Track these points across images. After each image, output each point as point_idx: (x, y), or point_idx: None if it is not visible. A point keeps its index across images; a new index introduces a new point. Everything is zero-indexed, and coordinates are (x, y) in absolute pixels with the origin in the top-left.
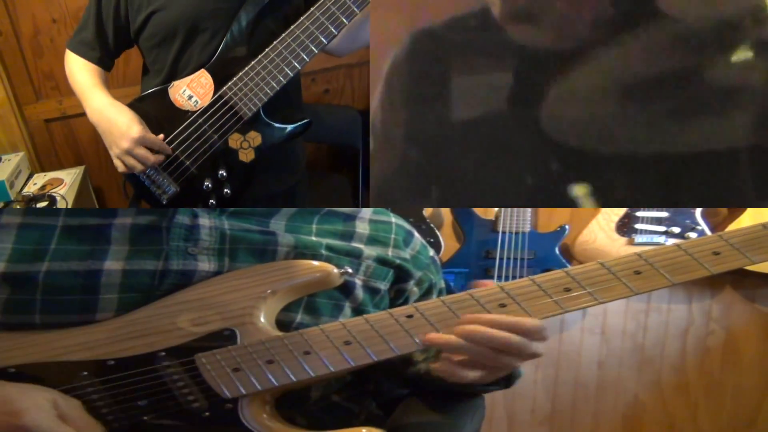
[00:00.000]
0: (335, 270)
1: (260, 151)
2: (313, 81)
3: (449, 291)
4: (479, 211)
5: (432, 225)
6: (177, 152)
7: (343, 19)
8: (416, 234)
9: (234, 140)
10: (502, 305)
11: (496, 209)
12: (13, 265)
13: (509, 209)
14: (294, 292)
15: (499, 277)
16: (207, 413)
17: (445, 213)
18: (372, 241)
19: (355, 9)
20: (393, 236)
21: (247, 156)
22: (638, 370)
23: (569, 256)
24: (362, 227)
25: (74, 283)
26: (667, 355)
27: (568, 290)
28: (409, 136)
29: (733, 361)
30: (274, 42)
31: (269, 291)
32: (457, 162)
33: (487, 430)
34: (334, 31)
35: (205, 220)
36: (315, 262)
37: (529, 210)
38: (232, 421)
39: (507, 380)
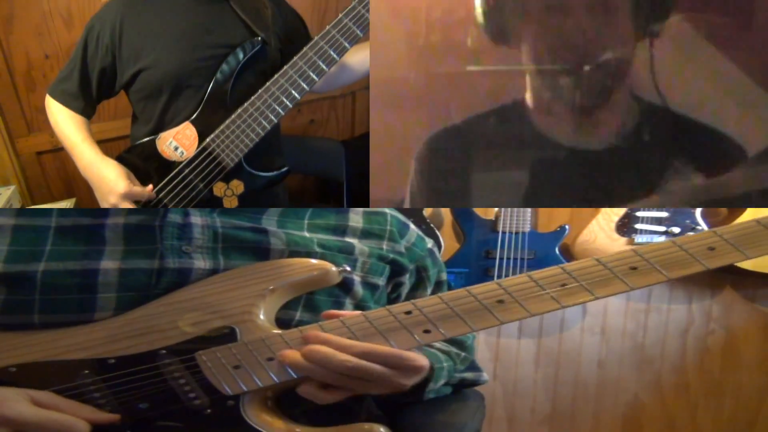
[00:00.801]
0: (333, 268)
1: (243, 198)
2: (299, 112)
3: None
4: (479, 211)
5: (432, 225)
6: (165, 200)
7: (314, 77)
8: (412, 225)
9: (218, 188)
10: (500, 301)
11: (496, 209)
12: (10, 266)
13: (509, 209)
14: (293, 290)
15: (499, 277)
16: (209, 410)
17: (445, 213)
18: (366, 234)
19: (325, 68)
20: (388, 228)
21: (230, 203)
22: (638, 370)
23: (569, 256)
24: (356, 220)
25: (71, 283)
26: (667, 355)
27: (564, 286)
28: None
29: (733, 361)
30: (252, 97)
31: (268, 289)
32: None
33: (487, 430)
34: (306, 87)
35: (197, 219)
36: (314, 261)
37: (529, 210)
38: (234, 418)
39: (418, 391)
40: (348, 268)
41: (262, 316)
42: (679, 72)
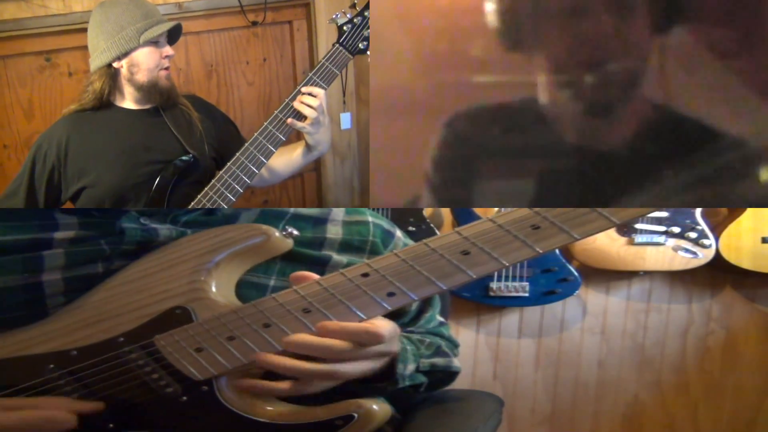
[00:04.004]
0: (277, 233)
1: None
2: (252, 194)
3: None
4: (479, 211)
5: (432, 225)
6: None
7: (246, 181)
8: (397, 232)
9: None
10: (465, 253)
11: (496, 209)
12: None
13: (509, 209)
14: (241, 261)
15: (499, 277)
16: (184, 398)
17: (445, 213)
18: (345, 247)
19: (253, 173)
20: (370, 239)
21: None
22: (638, 370)
23: (569, 255)
24: (334, 232)
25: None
26: (667, 355)
27: (537, 228)
28: None
29: (733, 361)
30: (190, 206)
31: (213, 262)
32: None
33: None
34: (239, 190)
35: (164, 231)
36: (257, 225)
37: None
38: (211, 403)
39: (389, 376)
40: (295, 232)
41: (214, 289)
42: (685, 77)
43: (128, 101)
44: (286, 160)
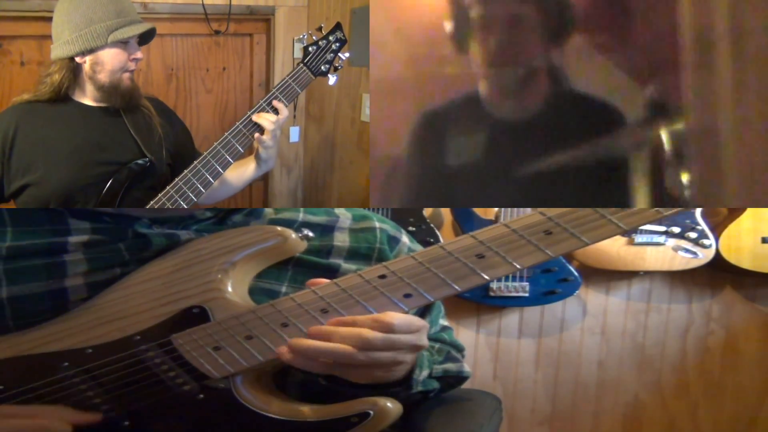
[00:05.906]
0: (294, 235)
1: None
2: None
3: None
4: (479, 211)
5: (432, 225)
6: None
7: (201, 189)
8: (403, 237)
9: None
10: (480, 256)
11: (496, 209)
12: None
13: (509, 209)
14: (257, 261)
15: (499, 278)
16: (201, 396)
17: (445, 213)
18: (353, 255)
19: (209, 183)
20: (377, 246)
21: None
22: (638, 370)
23: (569, 256)
24: (341, 239)
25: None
26: (667, 355)
27: (549, 233)
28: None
29: (733, 361)
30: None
31: (230, 263)
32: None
33: None
34: (193, 199)
35: (185, 236)
36: (271, 227)
37: (529, 210)
38: (228, 401)
39: (404, 381)
40: (311, 234)
41: (230, 291)
42: (581, 71)
43: (87, 98)
44: (238, 173)
